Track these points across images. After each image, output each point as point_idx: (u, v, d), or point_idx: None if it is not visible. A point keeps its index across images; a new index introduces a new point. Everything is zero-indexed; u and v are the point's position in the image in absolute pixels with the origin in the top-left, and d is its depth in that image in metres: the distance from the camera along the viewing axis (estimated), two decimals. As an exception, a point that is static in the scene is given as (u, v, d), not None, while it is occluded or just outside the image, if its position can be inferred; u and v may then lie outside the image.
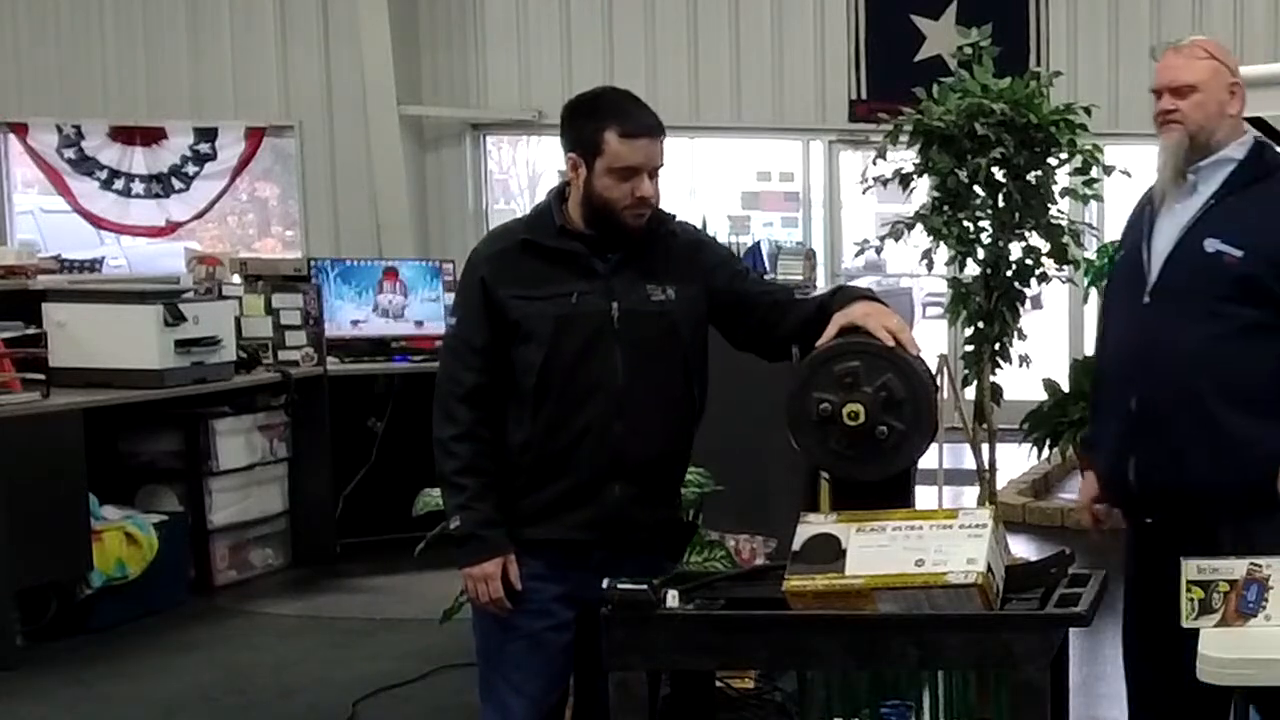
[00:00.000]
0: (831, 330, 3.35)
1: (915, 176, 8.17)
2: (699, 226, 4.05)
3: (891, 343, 3.31)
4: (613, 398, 3.39)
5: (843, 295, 3.48)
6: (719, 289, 3.53)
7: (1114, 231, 11.00)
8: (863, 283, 10.44)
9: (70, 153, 12.39)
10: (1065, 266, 8.49)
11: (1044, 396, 9.07)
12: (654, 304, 3.44)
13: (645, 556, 3.43)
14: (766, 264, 7.05)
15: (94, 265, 9.75)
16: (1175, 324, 3.51)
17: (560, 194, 3.49)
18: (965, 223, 7.97)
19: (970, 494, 8.55)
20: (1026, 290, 8.23)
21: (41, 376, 6.55)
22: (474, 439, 3.40)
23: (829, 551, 3.14)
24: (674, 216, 3.55)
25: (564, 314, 3.38)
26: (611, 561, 3.35)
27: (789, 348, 3.52)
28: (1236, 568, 3.37)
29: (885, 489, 3.31)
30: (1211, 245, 3.52)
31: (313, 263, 8.63)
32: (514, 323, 3.39)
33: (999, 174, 7.90)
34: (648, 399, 3.42)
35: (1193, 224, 3.57)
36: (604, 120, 3.40)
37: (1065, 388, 9.01)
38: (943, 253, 8.21)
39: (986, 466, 8.24)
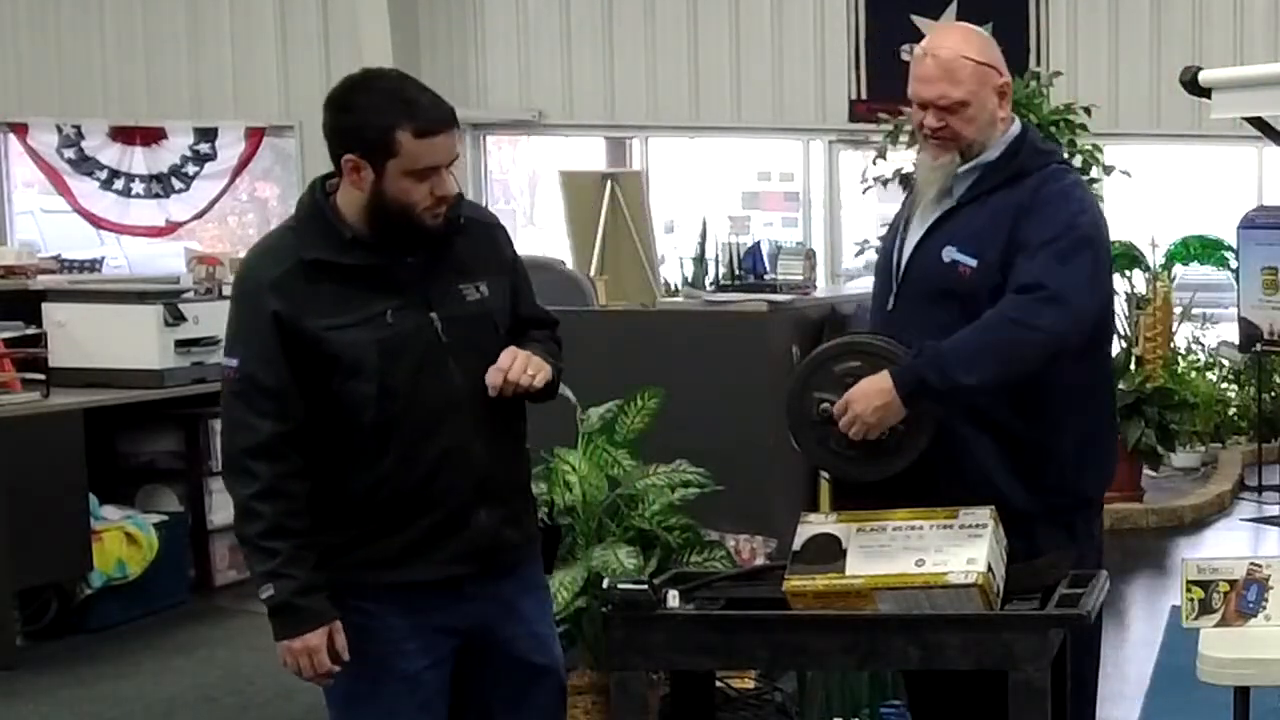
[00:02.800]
0: (491, 369, 3.11)
1: (915, 176, 8.15)
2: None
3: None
4: (464, 417, 3.08)
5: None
6: (513, 290, 3.26)
7: (1115, 231, 11.04)
8: (863, 283, 10.41)
9: (70, 153, 12.37)
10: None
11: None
12: (472, 304, 3.13)
13: (518, 570, 3.23)
14: (767, 264, 7.02)
15: (94, 265, 9.76)
16: (917, 333, 3.35)
17: (326, 195, 3.09)
18: (965, 223, 7.95)
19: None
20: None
21: (41, 376, 6.55)
22: (279, 496, 3.00)
23: (829, 551, 3.14)
24: (463, 199, 3.16)
25: (384, 337, 3.02)
26: (486, 586, 3.15)
27: None
28: (1236, 568, 3.37)
29: (885, 489, 3.31)
30: (949, 254, 3.39)
31: (313, 263, 8.60)
32: (333, 356, 3.00)
33: (999, 174, 7.89)
34: (493, 410, 3.12)
35: (933, 229, 3.45)
36: (393, 118, 2.96)
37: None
38: (943, 253, 8.19)
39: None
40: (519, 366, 3.10)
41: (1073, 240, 3.34)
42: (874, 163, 8.38)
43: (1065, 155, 3.68)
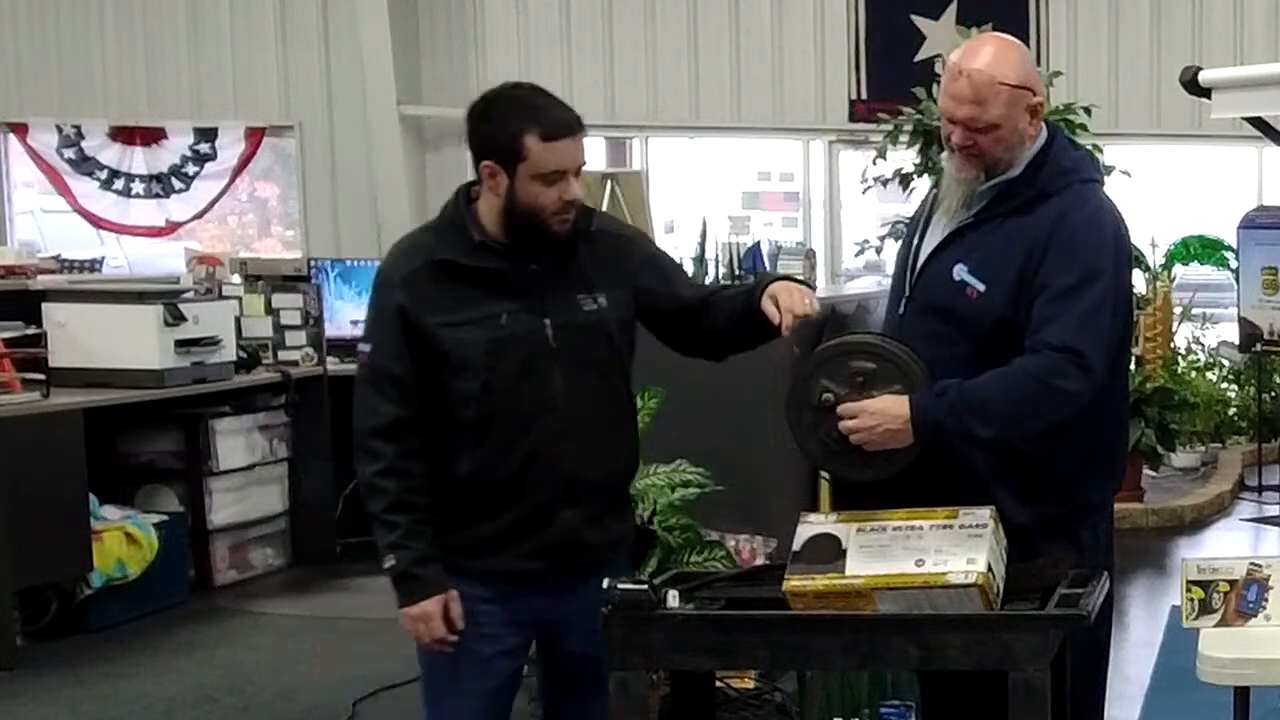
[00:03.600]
0: (770, 308, 3.24)
1: (915, 176, 8.17)
2: (700, 226, 3.98)
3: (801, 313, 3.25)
4: (557, 419, 3.22)
5: (762, 281, 3.34)
6: (649, 289, 3.37)
7: (1114, 231, 11.04)
8: (863, 283, 10.46)
9: (70, 153, 12.38)
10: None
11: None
12: (587, 314, 3.27)
13: (603, 572, 3.27)
14: (767, 264, 7.04)
15: (94, 265, 9.77)
16: (921, 342, 3.36)
17: (468, 199, 3.28)
18: (965, 223, 7.96)
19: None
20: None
21: (41, 376, 6.55)
22: (401, 474, 3.21)
23: (829, 551, 3.14)
24: (594, 211, 3.35)
25: (495, 338, 3.19)
26: (567, 584, 3.28)
27: (729, 345, 3.44)
28: (1236, 568, 3.37)
29: (884, 491, 3.30)
30: (959, 273, 3.37)
31: (313, 263, 8.63)
32: (445, 353, 3.20)
33: (999, 174, 7.89)
34: (592, 416, 3.27)
35: (948, 242, 3.42)
36: (522, 124, 3.15)
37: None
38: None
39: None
40: (788, 301, 3.22)
41: (1097, 294, 3.30)
42: (874, 163, 8.39)
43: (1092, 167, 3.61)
